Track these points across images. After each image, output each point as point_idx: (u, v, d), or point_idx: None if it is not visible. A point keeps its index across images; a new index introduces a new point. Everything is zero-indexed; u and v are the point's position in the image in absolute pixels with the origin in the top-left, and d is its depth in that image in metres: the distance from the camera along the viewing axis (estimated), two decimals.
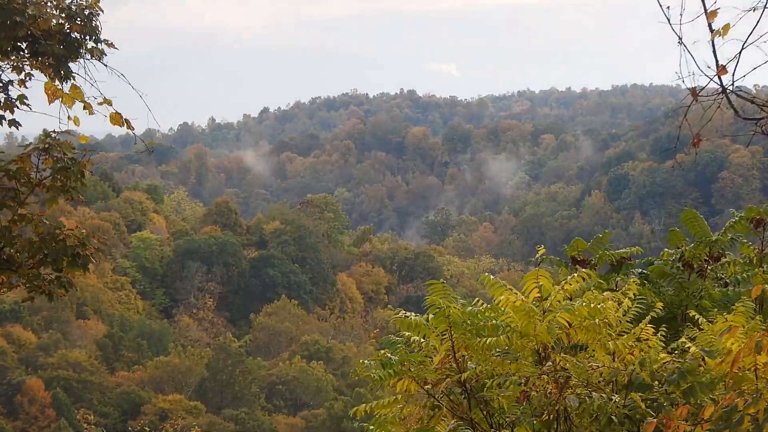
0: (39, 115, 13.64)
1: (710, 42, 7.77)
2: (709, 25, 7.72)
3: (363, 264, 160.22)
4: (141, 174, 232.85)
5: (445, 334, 10.36)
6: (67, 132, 13.57)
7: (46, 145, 13.42)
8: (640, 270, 14.67)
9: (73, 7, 13.47)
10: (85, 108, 13.22)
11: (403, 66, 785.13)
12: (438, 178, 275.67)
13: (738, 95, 8.06)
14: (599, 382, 9.83)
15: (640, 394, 9.52)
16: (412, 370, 10.55)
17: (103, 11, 13.56)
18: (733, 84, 7.92)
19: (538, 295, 10.26)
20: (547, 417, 9.93)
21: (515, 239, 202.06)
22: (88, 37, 13.50)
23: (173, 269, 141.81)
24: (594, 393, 9.58)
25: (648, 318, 10.44)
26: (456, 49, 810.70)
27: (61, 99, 13.25)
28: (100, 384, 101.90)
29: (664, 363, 9.59)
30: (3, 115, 13.67)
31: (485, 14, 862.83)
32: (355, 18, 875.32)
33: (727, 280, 14.78)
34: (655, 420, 8.58)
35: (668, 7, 7.71)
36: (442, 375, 10.45)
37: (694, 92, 7.95)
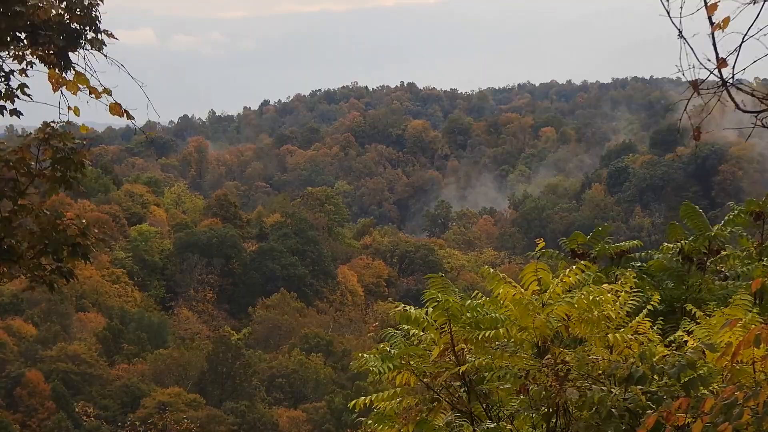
0: (39, 106, 13.58)
1: (710, 35, 7.76)
2: (709, 18, 7.71)
3: (363, 257, 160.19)
4: (141, 167, 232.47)
5: (444, 327, 10.36)
6: (67, 123, 13.52)
7: (46, 136, 13.37)
8: (639, 263, 14.66)
9: None
10: (90, 93, 13.12)
11: (403, 59, 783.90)
12: (438, 170, 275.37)
13: (738, 88, 8.05)
14: (599, 375, 9.82)
15: (639, 387, 9.52)
16: (412, 363, 10.54)
17: (102, 2, 13.51)
18: (733, 77, 7.91)
19: (538, 288, 10.25)
20: (546, 410, 9.93)
21: (515, 232, 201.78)
22: (87, 28, 13.43)
23: (173, 262, 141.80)
24: (594, 386, 9.57)
25: (645, 311, 10.43)
26: (456, 43, 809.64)
27: (65, 86, 13.15)
28: (100, 376, 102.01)
29: (664, 356, 9.58)
30: (4, 106, 13.62)
31: (485, 9, 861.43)
32: (356, 11, 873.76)
33: (727, 274, 14.76)
34: (655, 413, 8.57)
35: (668, 0, 7.70)
36: (441, 368, 10.45)
37: (695, 84, 7.94)
